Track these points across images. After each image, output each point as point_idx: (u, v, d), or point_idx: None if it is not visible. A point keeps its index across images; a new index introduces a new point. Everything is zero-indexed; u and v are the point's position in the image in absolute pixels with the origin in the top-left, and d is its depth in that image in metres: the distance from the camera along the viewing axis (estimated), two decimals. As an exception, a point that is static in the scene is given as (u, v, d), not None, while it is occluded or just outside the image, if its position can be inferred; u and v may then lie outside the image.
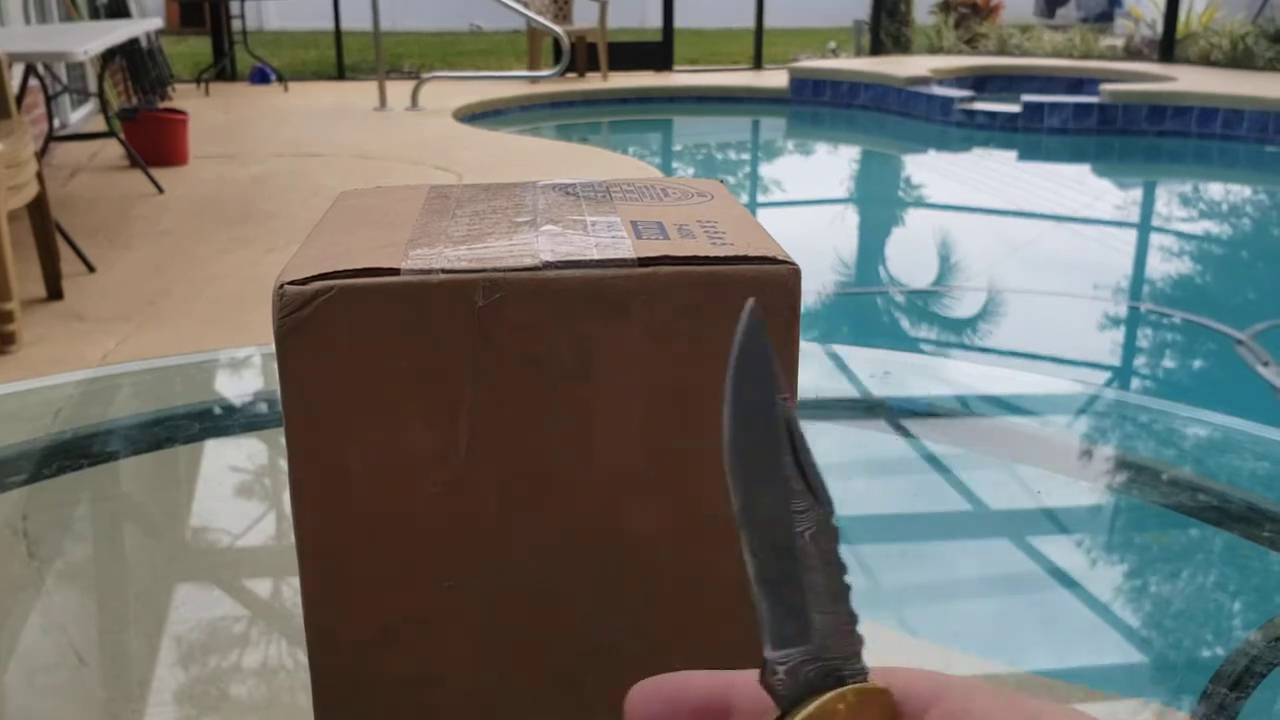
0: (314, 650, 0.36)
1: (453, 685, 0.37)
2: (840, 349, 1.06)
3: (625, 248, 0.35)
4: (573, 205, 0.40)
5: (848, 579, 0.22)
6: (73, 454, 0.83)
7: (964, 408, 0.96)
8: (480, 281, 0.33)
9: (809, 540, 0.22)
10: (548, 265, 0.34)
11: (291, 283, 0.33)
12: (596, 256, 0.34)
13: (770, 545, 0.22)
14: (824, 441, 0.86)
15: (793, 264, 0.34)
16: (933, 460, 0.86)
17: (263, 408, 0.91)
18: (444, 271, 0.33)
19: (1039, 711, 0.20)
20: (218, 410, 0.94)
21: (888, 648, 0.62)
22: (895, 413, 0.94)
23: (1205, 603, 0.71)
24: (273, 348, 0.33)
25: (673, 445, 0.35)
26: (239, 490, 0.84)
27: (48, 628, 0.64)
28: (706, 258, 0.34)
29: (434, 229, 0.37)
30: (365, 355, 0.33)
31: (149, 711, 0.56)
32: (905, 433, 0.90)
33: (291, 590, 0.66)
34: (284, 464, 0.35)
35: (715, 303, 0.34)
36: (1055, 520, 0.80)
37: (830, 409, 0.91)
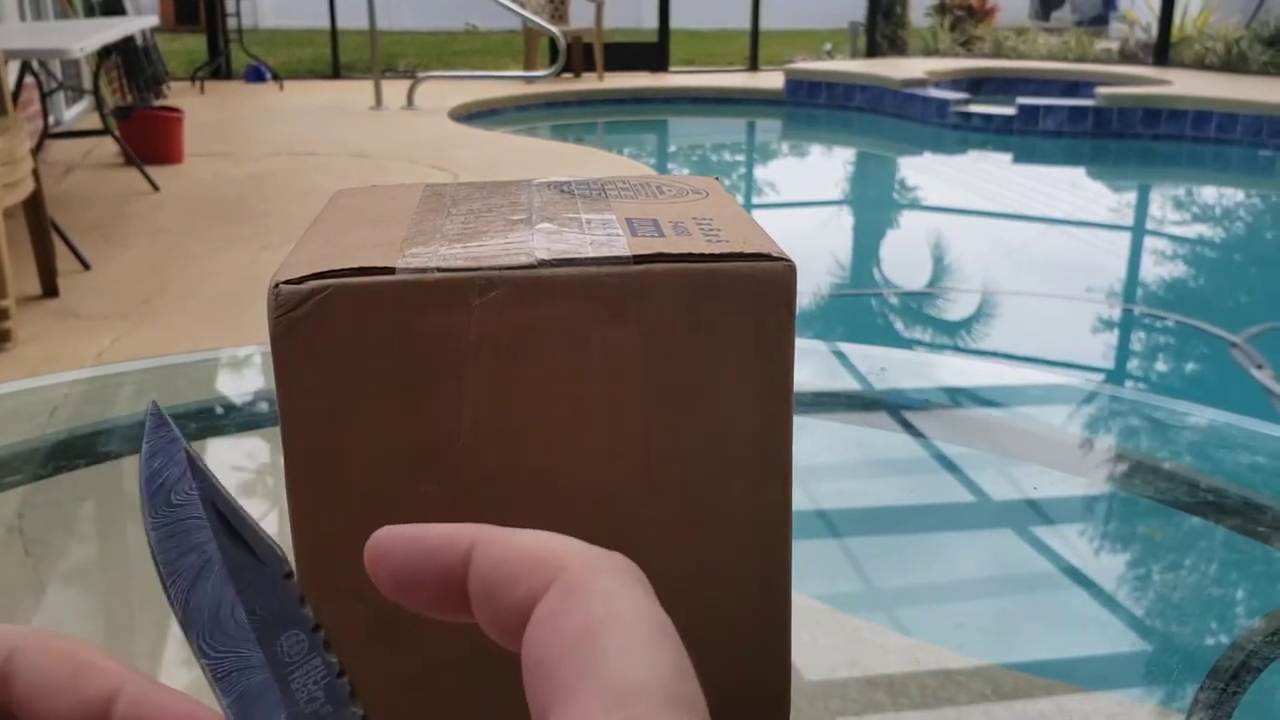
0: (309, 647, 0.36)
1: (449, 684, 0.37)
2: (837, 346, 1.06)
3: (620, 245, 0.35)
4: (568, 203, 0.40)
5: (319, 631, 0.21)
6: (69, 453, 0.83)
7: (960, 404, 0.96)
8: (476, 280, 0.33)
9: (261, 609, 0.21)
10: (543, 263, 0.34)
11: (287, 282, 0.33)
12: (592, 254, 0.34)
13: (216, 636, 0.21)
14: (820, 438, 0.87)
15: (788, 261, 0.35)
16: (929, 457, 0.87)
17: (260, 406, 0.91)
18: (439, 270, 0.33)
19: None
20: (214, 409, 0.93)
21: (887, 647, 0.62)
22: (892, 409, 0.94)
23: (1202, 598, 0.71)
24: (269, 346, 0.34)
25: (669, 442, 0.35)
26: (236, 489, 0.84)
27: (45, 627, 0.64)
28: (702, 255, 0.34)
29: (429, 227, 0.37)
30: (361, 354, 0.33)
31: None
32: (902, 429, 0.90)
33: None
34: (280, 462, 0.35)
35: (711, 300, 0.34)
36: (1052, 516, 0.80)
37: (826, 405, 0.91)
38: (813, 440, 0.85)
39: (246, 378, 1.00)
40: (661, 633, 0.19)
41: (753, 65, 9.65)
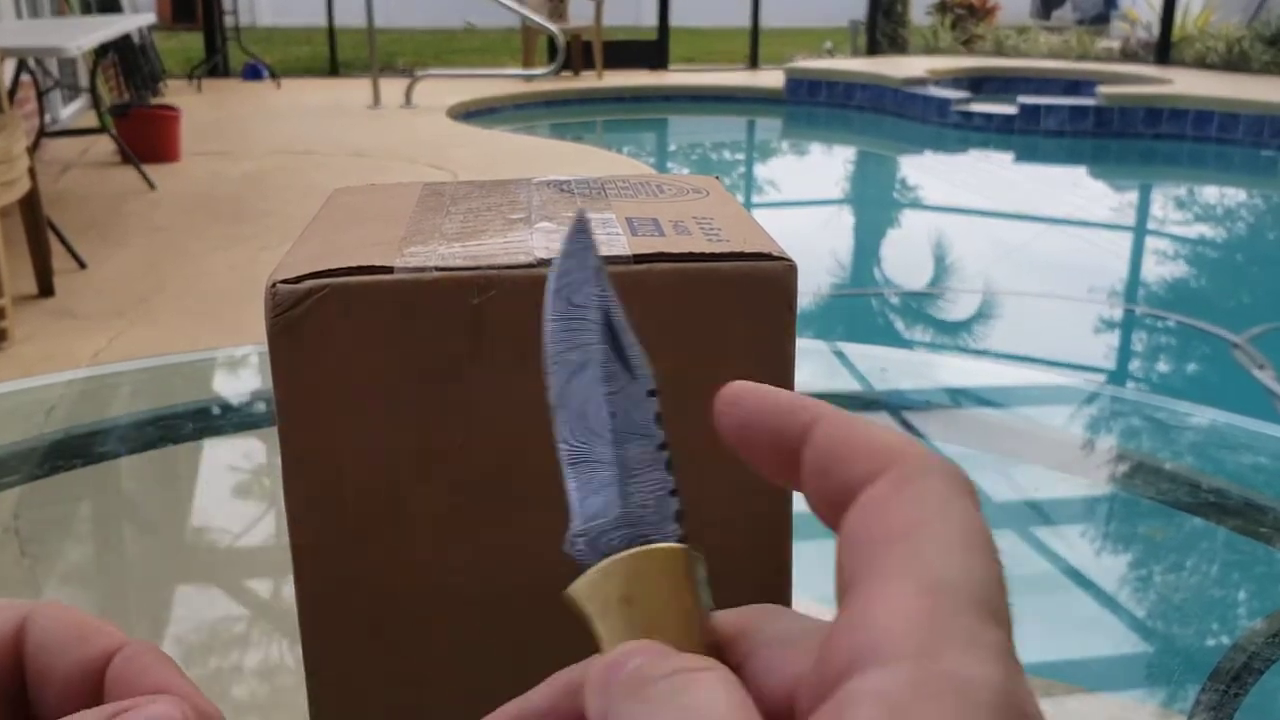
0: (307, 649, 0.36)
1: (447, 684, 0.36)
2: (838, 346, 1.05)
3: (620, 244, 0.34)
4: (567, 202, 0.40)
5: (664, 450, 0.23)
6: (66, 453, 0.83)
7: (961, 405, 0.96)
8: (474, 279, 0.33)
9: (622, 415, 0.23)
10: (542, 262, 0.33)
11: (284, 281, 0.33)
12: (592, 254, 0.34)
13: (577, 426, 0.23)
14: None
15: (789, 260, 0.34)
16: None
17: (258, 406, 0.91)
18: (438, 269, 0.33)
19: (927, 647, 0.18)
20: (212, 409, 0.93)
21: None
22: (892, 409, 0.94)
23: (1204, 599, 0.71)
24: (266, 346, 0.33)
25: (669, 443, 0.35)
26: (233, 489, 0.84)
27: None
28: (702, 254, 0.34)
29: (428, 226, 0.37)
30: (359, 353, 0.33)
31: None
32: (902, 429, 0.90)
33: (288, 589, 0.66)
34: (277, 462, 0.34)
35: (711, 299, 0.34)
36: (1053, 517, 0.79)
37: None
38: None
39: (244, 377, 1.00)
40: (982, 543, 0.19)
41: (753, 63, 9.65)
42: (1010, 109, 7.05)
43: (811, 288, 3.92)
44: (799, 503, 0.37)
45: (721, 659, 0.21)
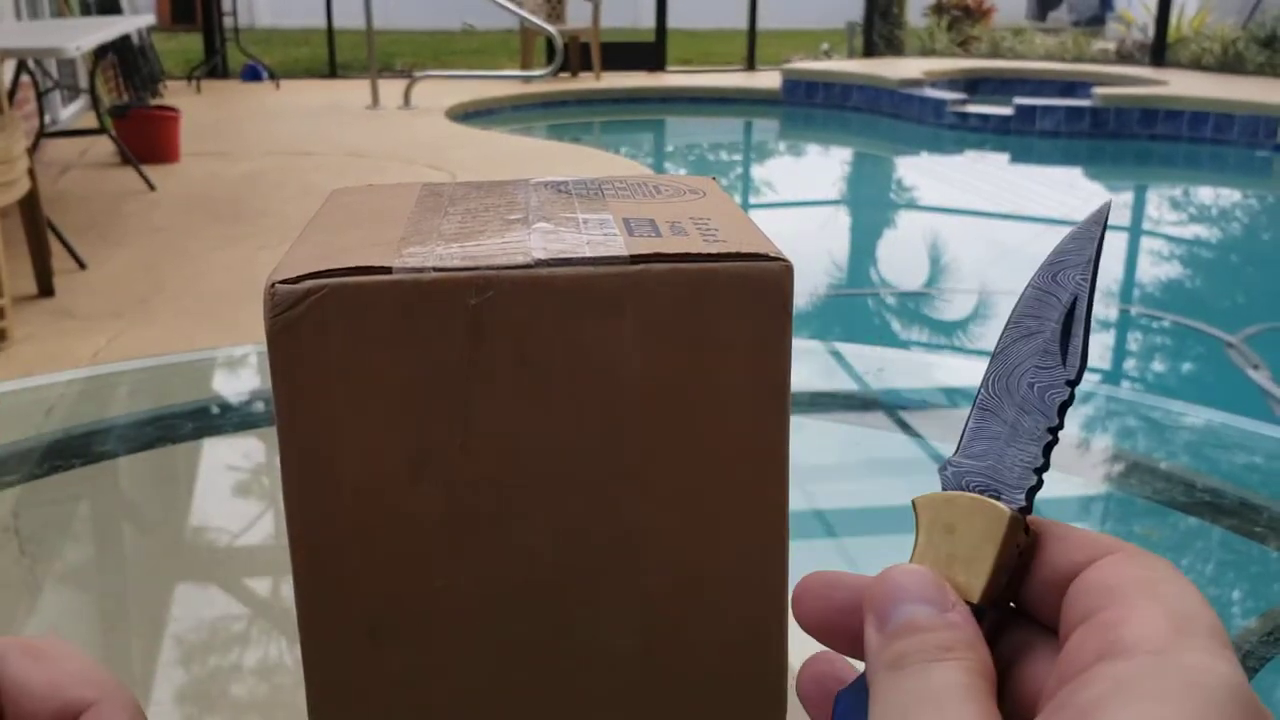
0: (307, 649, 0.36)
1: (446, 684, 0.37)
2: (834, 346, 1.06)
3: (618, 245, 0.35)
4: (565, 202, 0.40)
5: (1059, 433, 0.26)
6: (65, 453, 0.83)
7: (958, 404, 0.96)
8: (473, 280, 0.33)
9: (1036, 391, 0.26)
10: (540, 263, 0.34)
11: (283, 281, 0.33)
12: (589, 254, 0.34)
13: (1000, 381, 0.26)
14: (817, 438, 0.87)
15: (785, 261, 0.35)
16: (926, 457, 0.87)
17: (256, 406, 0.91)
18: (436, 270, 0.33)
19: (1179, 630, 0.21)
20: (211, 409, 0.93)
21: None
22: (889, 409, 0.94)
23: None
24: (265, 346, 0.33)
25: (666, 442, 0.35)
26: (232, 489, 0.84)
27: (40, 627, 0.64)
28: (699, 255, 0.34)
29: (426, 227, 0.37)
30: (357, 354, 0.33)
31: (144, 711, 0.56)
32: (899, 429, 0.90)
33: (287, 589, 0.66)
34: (276, 462, 0.35)
35: (708, 300, 0.34)
36: (1048, 516, 0.80)
37: (824, 405, 0.91)
38: (810, 440, 0.85)
39: (243, 377, 1.00)
40: (1207, 602, 0.22)
41: (750, 65, 9.65)
42: (1006, 110, 7.05)
43: (808, 288, 3.92)
44: (796, 502, 0.37)
45: (1001, 621, 0.25)
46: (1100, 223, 0.26)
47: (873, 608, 0.24)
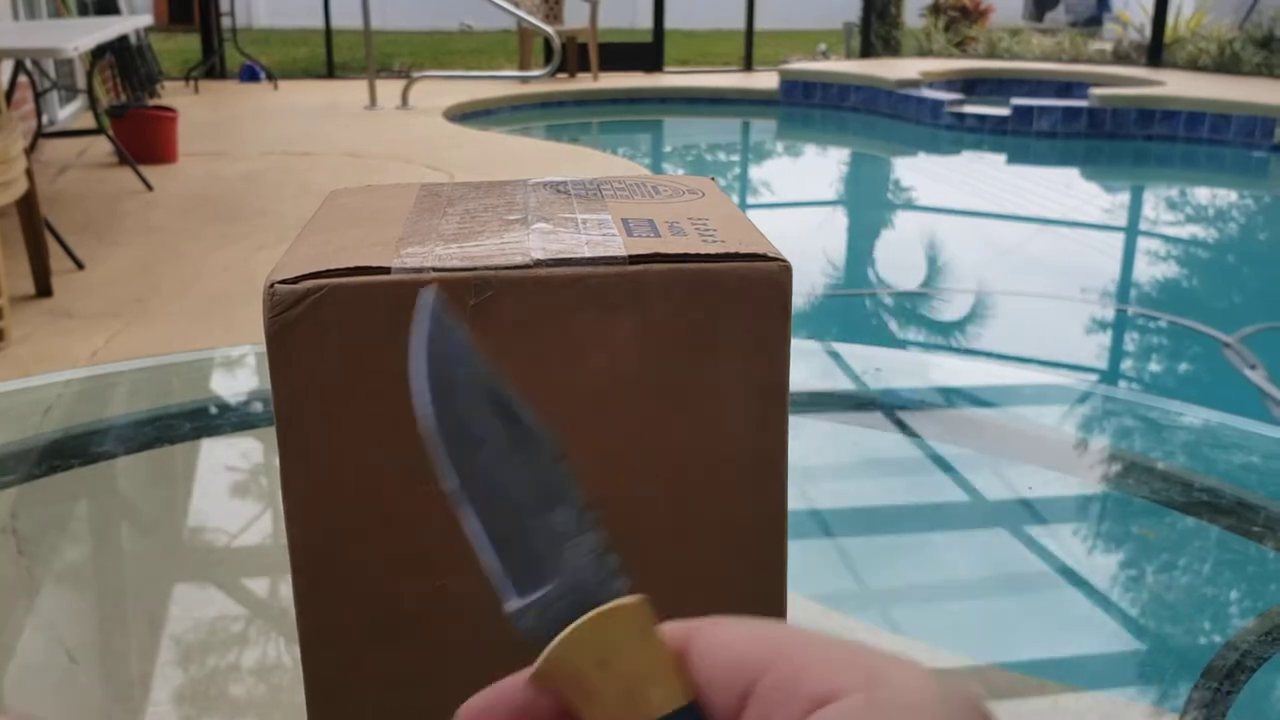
0: (305, 649, 0.36)
1: (444, 684, 0.37)
2: (833, 346, 1.06)
3: (616, 245, 0.35)
4: (564, 203, 0.40)
5: (587, 508, 0.23)
6: (63, 453, 0.83)
7: (955, 405, 0.97)
8: (472, 280, 0.33)
9: (538, 484, 0.23)
10: (539, 263, 0.34)
11: (282, 282, 0.33)
12: (588, 254, 0.34)
13: (492, 505, 0.22)
14: (815, 438, 0.87)
15: (784, 261, 0.35)
16: (924, 457, 0.87)
17: (254, 406, 0.91)
18: (435, 270, 0.33)
19: (874, 668, 0.19)
20: (209, 409, 0.93)
21: (879, 645, 0.62)
22: (887, 409, 0.94)
23: (1196, 597, 0.72)
24: (263, 346, 0.33)
25: (664, 441, 0.35)
26: (231, 489, 0.84)
27: (38, 627, 0.64)
28: (698, 255, 0.34)
29: (425, 227, 0.37)
30: (356, 354, 0.33)
31: (142, 711, 0.56)
32: (897, 429, 0.90)
33: (286, 589, 0.66)
34: (275, 462, 0.35)
35: (707, 299, 0.34)
36: (1046, 516, 0.80)
37: (821, 405, 0.91)
38: (808, 440, 0.85)
39: (241, 377, 1.00)
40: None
41: (747, 65, 9.65)
42: (1003, 110, 7.06)
43: (806, 288, 3.92)
44: (794, 501, 0.37)
45: (687, 690, 0.21)
46: (444, 309, 0.23)
47: None
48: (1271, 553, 0.73)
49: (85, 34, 3.67)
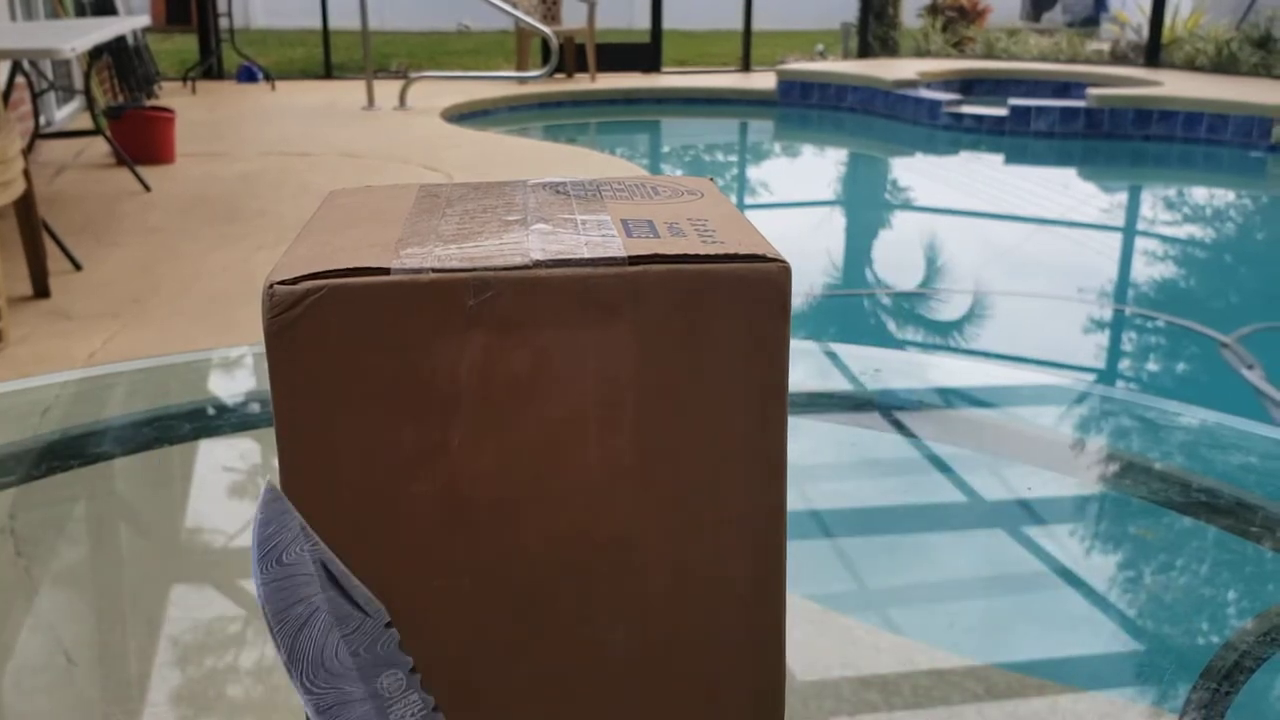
0: (303, 648, 0.36)
1: (444, 684, 0.37)
2: (831, 347, 1.06)
3: (616, 246, 0.35)
4: (563, 204, 0.40)
5: (416, 673, 0.24)
6: (61, 454, 0.83)
7: (953, 405, 0.97)
8: (471, 280, 0.33)
9: (365, 652, 0.24)
10: (538, 264, 0.34)
11: (281, 282, 0.33)
12: (587, 255, 0.34)
13: (320, 674, 0.24)
14: (813, 439, 0.87)
15: (783, 262, 0.35)
16: (922, 457, 0.87)
17: (252, 407, 0.91)
18: (434, 270, 0.33)
19: None
20: (207, 410, 0.93)
21: (880, 647, 0.62)
22: (885, 410, 0.94)
23: (1195, 598, 0.72)
24: (262, 346, 0.33)
25: (664, 444, 0.35)
26: (229, 490, 0.84)
27: (36, 627, 0.64)
28: (697, 256, 0.34)
29: (424, 228, 0.37)
30: (356, 355, 0.33)
31: (140, 712, 0.56)
32: (895, 429, 0.90)
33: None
34: (273, 463, 0.35)
35: (706, 301, 0.34)
36: (1044, 516, 0.80)
37: (820, 406, 0.91)
38: (807, 441, 0.85)
39: (239, 378, 1.00)
40: None
41: (745, 66, 9.66)
42: (1001, 111, 7.06)
43: (804, 288, 3.92)
44: (793, 502, 0.37)
45: None
46: (278, 498, 0.26)
47: None
48: (1270, 553, 0.73)
49: (82, 35, 3.66)
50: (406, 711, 0.24)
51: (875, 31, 9.64)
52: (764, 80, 8.75)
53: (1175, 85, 7.35)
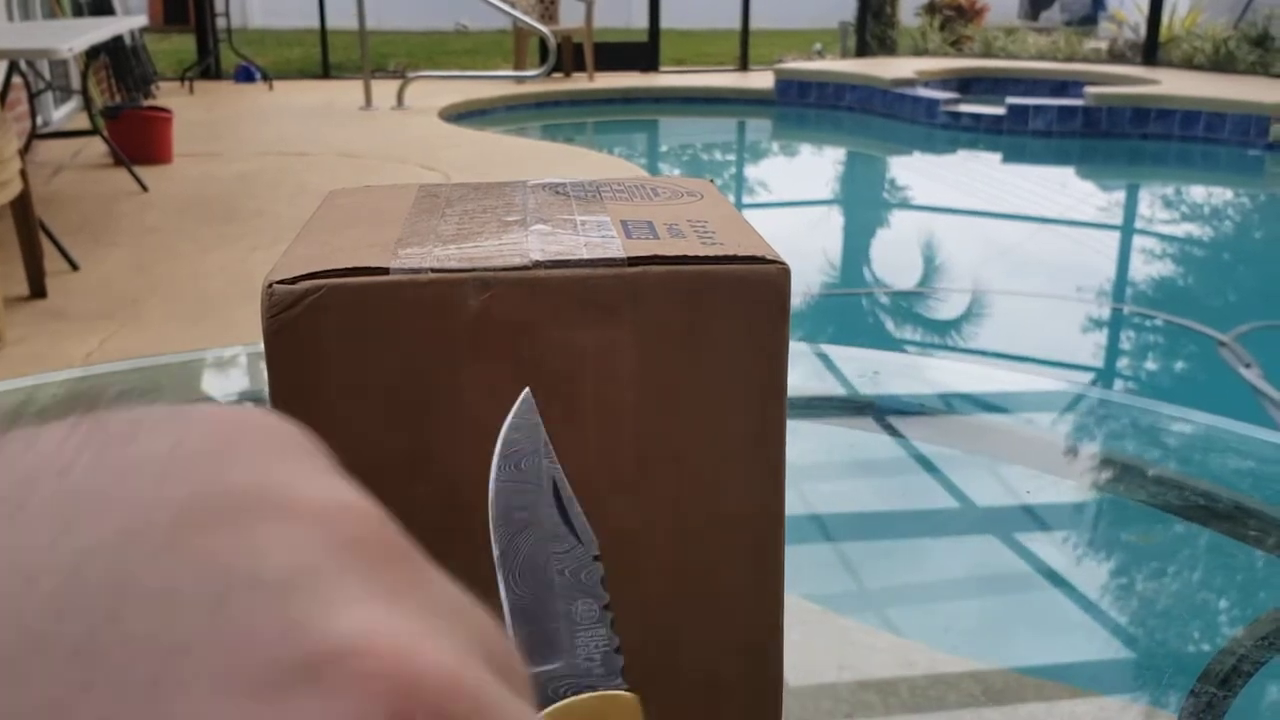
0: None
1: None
2: (829, 349, 1.06)
3: (615, 247, 0.35)
4: (563, 204, 0.40)
5: (609, 611, 0.25)
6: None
7: (952, 408, 0.97)
8: (470, 281, 0.33)
9: (570, 575, 0.25)
10: (538, 264, 0.34)
11: (280, 282, 0.33)
12: (586, 256, 0.34)
13: (528, 577, 0.25)
14: (812, 440, 0.87)
15: (782, 263, 0.35)
16: (921, 459, 0.87)
17: (250, 407, 0.91)
18: (433, 271, 0.33)
19: None
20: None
21: (877, 647, 0.62)
22: (883, 412, 0.94)
23: (1192, 601, 0.72)
24: (260, 347, 0.33)
25: (663, 444, 0.35)
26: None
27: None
28: (696, 257, 0.34)
29: (423, 228, 0.37)
30: (354, 354, 0.33)
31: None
32: (893, 432, 0.90)
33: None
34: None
35: (705, 302, 0.34)
36: (1042, 519, 0.80)
37: (819, 408, 0.91)
38: (805, 443, 0.85)
39: (235, 378, 1.00)
40: None
41: (743, 65, 9.66)
42: (999, 109, 7.06)
43: (802, 287, 3.92)
44: (791, 504, 0.37)
45: None
46: (532, 409, 0.27)
47: None
48: (1267, 557, 0.73)
49: (80, 35, 3.66)
50: (593, 641, 0.25)
51: (873, 30, 9.64)
52: (762, 79, 8.75)
53: (1173, 84, 7.36)
